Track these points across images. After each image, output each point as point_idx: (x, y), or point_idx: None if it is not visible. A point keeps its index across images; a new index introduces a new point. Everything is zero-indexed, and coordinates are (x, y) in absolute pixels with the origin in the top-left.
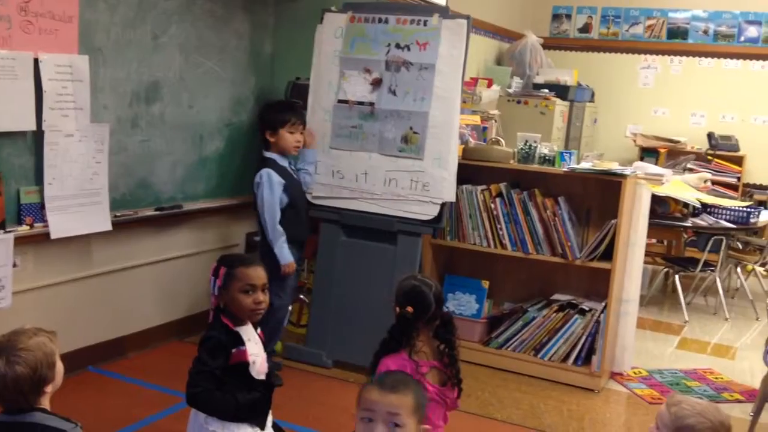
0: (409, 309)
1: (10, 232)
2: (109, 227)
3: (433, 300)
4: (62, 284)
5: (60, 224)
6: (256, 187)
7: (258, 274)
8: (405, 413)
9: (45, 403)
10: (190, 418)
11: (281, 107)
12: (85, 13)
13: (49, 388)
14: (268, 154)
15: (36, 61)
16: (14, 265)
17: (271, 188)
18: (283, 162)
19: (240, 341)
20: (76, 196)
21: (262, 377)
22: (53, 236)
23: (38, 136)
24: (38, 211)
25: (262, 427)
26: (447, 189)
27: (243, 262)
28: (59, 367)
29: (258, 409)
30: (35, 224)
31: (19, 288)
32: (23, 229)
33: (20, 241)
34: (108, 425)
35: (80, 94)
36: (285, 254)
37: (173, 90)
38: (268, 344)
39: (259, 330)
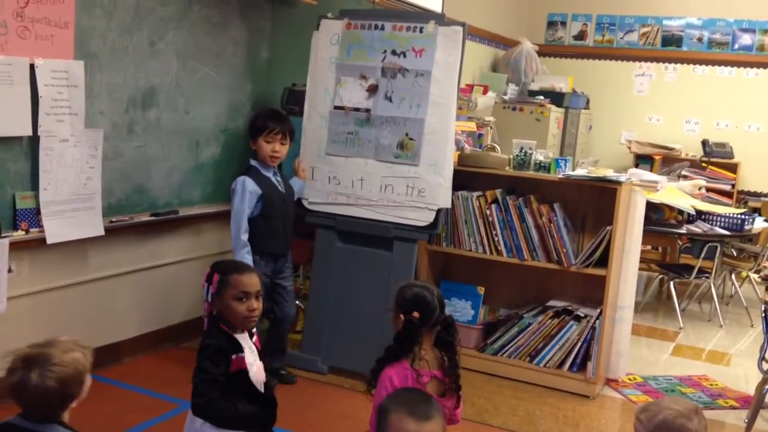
0: (416, 314)
1: (5, 237)
2: (101, 232)
3: (437, 304)
4: (58, 290)
5: (55, 229)
6: (231, 193)
7: (252, 281)
8: None
9: (66, 416)
10: (186, 425)
11: (264, 115)
12: (81, 19)
13: (74, 404)
14: (252, 162)
15: (32, 66)
16: (9, 271)
17: (242, 196)
18: (267, 171)
19: (239, 348)
20: (71, 201)
21: (261, 387)
22: (49, 241)
23: (34, 141)
24: (34, 216)
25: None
26: (443, 195)
27: (237, 269)
28: (88, 382)
29: (261, 420)
30: (31, 229)
31: (15, 293)
32: (18, 235)
33: (16, 247)
34: (102, 431)
35: (75, 100)
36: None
37: (169, 96)
38: None
39: (254, 338)
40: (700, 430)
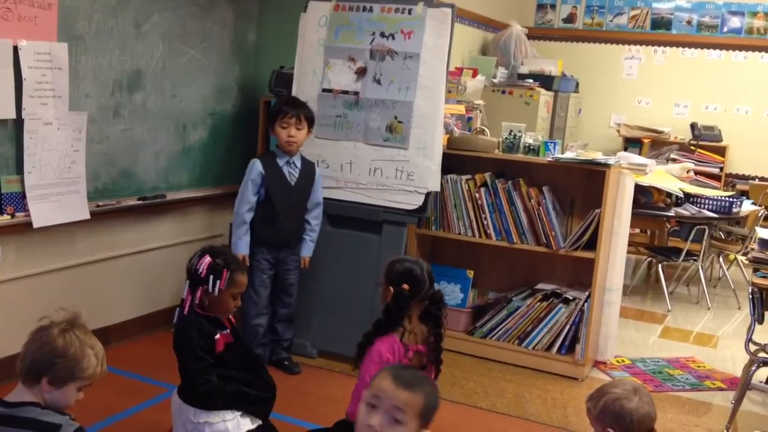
0: (405, 286)
1: None
2: (87, 216)
3: (427, 278)
4: (45, 274)
5: (41, 213)
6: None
7: (246, 280)
8: (410, 413)
9: (39, 398)
10: (174, 412)
11: (280, 101)
12: (65, 0)
13: (46, 385)
14: (274, 148)
15: (15, 48)
16: None
17: (249, 176)
18: (281, 159)
19: (220, 324)
20: (56, 184)
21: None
22: (36, 225)
23: (18, 124)
24: (19, 200)
25: (259, 417)
26: (432, 178)
27: (240, 268)
28: (75, 393)
29: (262, 399)
30: (17, 213)
31: (1, 278)
32: (4, 219)
33: (2, 231)
34: (90, 416)
35: (59, 82)
36: (237, 244)
37: (156, 79)
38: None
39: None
40: (642, 407)
